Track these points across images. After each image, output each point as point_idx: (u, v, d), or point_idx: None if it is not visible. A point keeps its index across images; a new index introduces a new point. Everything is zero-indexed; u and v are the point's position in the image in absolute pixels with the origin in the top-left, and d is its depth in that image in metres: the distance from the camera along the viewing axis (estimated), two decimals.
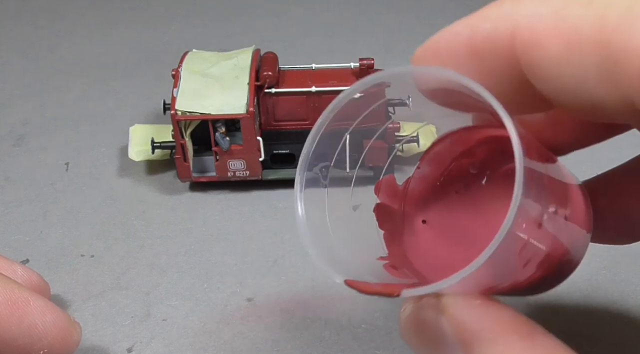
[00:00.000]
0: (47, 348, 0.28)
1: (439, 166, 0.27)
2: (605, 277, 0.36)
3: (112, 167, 0.46)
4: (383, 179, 0.26)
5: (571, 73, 0.19)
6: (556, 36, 0.19)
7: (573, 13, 0.19)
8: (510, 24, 0.20)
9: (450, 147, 0.27)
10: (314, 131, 0.24)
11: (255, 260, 0.39)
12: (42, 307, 0.28)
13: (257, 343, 0.34)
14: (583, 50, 0.18)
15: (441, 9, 0.64)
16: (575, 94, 0.19)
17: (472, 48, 0.21)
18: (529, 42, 0.20)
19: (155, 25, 0.63)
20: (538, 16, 0.20)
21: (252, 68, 0.43)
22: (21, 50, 0.60)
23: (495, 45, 0.21)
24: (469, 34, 0.21)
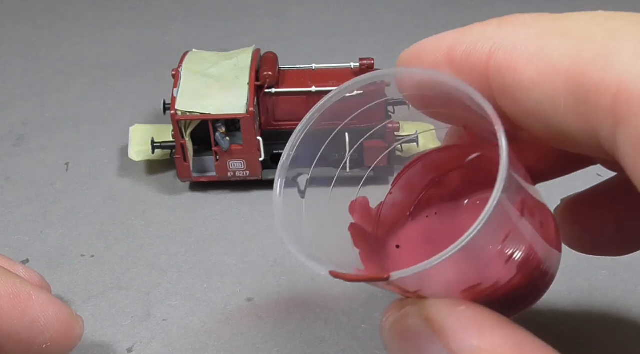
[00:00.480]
0: (49, 341, 0.28)
1: (410, 193, 0.27)
2: (605, 277, 0.36)
3: (112, 167, 0.46)
4: (357, 200, 0.26)
5: (541, 100, 0.19)
6: (530, 62, 0.19)
7: (550, 43, 0.19)
8: (490, 44, 0.21)
9: (421, 173, 0.27)
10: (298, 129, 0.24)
11: (255, 260, 0.39)
12: (44, 301, 0.28)
13: (257, 343, 0.34)
14: (555, 80, 0.19)
15: (441, 9, 0.64)
16: (544, 120, 0.20)
17: (450, 59, 0.22)
18: (504, 64, 0.20)
19: (155, 25, 0.63)
20: (516, 40, 0.20)
21: (252, 68, 0.43)
22: (21, 50, 0.60)
23: (471, 60, 0.21)
24: (450, 45, 0.22)
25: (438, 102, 0.23)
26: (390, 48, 0.58)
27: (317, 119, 0.24)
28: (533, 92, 0.19)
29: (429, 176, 0.27)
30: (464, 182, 0.27)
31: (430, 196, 0.28)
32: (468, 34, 0.22)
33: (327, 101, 0.24)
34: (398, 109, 0.29)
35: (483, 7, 0.62)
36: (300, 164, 0.25)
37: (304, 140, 0.24)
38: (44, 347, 0.28)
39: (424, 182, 0.27)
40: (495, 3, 0.63)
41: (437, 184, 0.27)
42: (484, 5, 0.62)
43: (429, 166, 0.27)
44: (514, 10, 0.23)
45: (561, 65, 0.19)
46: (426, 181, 0.27)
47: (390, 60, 0.45)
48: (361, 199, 0.27)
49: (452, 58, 0.22)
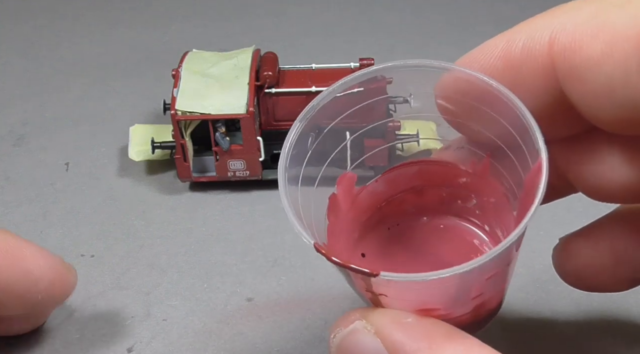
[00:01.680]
0: (44, 291, 0.29)
1: (391, 188, 0.28)
2: None
3: (112, 167, 0.46)
4: (347, 174, 0.27)
5: (612, 72, 0.19)
6: (596, 37, 0.19)
7: (611, 15, 0.19)
8: (547, 33, 0.20)
9: (410, 176, 0.28)
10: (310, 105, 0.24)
11: (255, 260, 0.39)
12: (35, 252, 0.29)
13: (257, 343, 0.34)
14: (624, 47, 0.19)
15: (441, 9, 0.64)
16: (614, 95, 0.19)
17: (507, 60, 0.21)
18: (569, 46, 0.20)
19: (155, 25, 0.63)
20: (575, 22, 0.20)
21: (252, 68, 0.43)
22: (21, 50, 0.60)
23: (531, 54, 0.21)
24: (505, 46, 0.22)
25: (465, 110, 0.23)
26: (390, 48, 0.58)
27: (318, 115, 0.24)
28: (603, 66, 0.19)
29: (416, 181, 0.28)
30: (439, 200, 0.28)
31: (404, 200, 0.28)
32: (522, 31, 0.21)
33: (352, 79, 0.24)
34: (399, 108, 0.29)
35: (483, 7, 0.62)
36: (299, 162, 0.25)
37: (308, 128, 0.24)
38: (39, 297, 0.29)
39: (408, 184, 0.28)
40: (496, 3, 0.62)
41: (416, 191, 0.28)
42: (484, 6, 0.62)
43: (421, 172, 0.28)
44: (513, 11, 0.23)
45: (629, 32, 0.19)
46: (411, 183, 0.28)
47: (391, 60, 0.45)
48: (350, 174, 0.27)
49: (510, 57, 0.21)
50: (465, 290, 0.22)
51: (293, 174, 0.24)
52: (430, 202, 0.28)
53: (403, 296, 0.22)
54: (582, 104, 0.21)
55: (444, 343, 0.21)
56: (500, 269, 0.22)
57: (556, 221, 0.36)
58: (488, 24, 0.60)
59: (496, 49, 0.22)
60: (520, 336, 0.34)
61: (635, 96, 0.19)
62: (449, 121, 0.25)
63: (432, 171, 0.27)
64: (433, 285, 0.20)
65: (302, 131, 0.24)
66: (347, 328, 0.22)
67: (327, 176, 0.26)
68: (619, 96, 0.19)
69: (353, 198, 0.27)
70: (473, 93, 0.22)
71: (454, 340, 0.21)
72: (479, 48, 0.23)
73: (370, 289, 0.22)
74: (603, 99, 0.20)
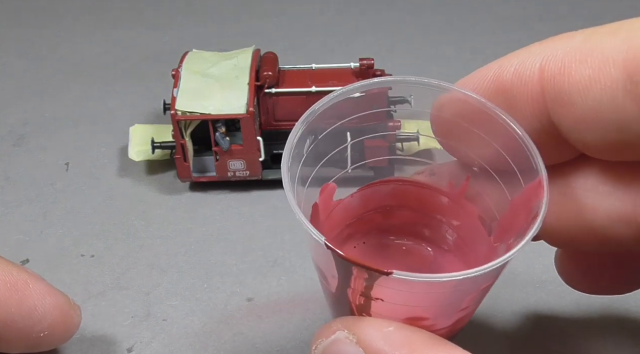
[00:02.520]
0: (47, 330, 0.28)
1: (364, 205, 0.28)
2: None
3: (112, 167, 0.46)
4: (329, 185, 0.26)
5: (599, 96, 0.20)
6: (584, 62, 0.20)
7: (600, 41, 0.20)
8: (539, 59, 0.21)
9: (384, 195, 0.28)
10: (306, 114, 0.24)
11: (255, 260, 0.39)
12: (41, 289, 0.28)
13: (257, 343, 0.34)
14: (611, 71, 0.19)
15: (441, 9, 0.64)
16: (601, 119, 0.20)
17: (499, 83, 0.22)
18: (557, 71, 0.20)
19: (155, 25, 0.63)
20: (566, 48, 0.20)
21: (252, 68, 0.43)
22: (21, 50, 0.60)
23: (522, 79, 0.21)
24: (497, 71, 0.22)
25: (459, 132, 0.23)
26: (390, 48, 0.58)
27: (319, 117, 0.24)
28: (590, 91, 0.20)
29: (385, 200, 0.28)
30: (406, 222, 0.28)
31: (371, 219, 0.28)
32: (513, 57, 0.22)
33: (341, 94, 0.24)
34: (399, 108, 0.29)
35: (483, 7, 0.62)
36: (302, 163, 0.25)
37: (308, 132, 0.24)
38: (41, 335, 0.28)
39: (378, 203, 0.28)
40: (495, 3, 0.63)
41: (386, 212, 0.28)
42: (484, 6, 0.62)
43: (393, 191, 0.28)
44: (512, 11, 0.23)
45: (616, 57, 0.19)
46: (381, 203, 0.28)
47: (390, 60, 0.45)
48: (332, 186, 0.27)
49: (502, 82, 0.22)
50: (458, 300, 0.22)
51: (296, 174, 0.24)
52: (397, 223, 0.28)
53: (399, 301, 0.22)
54: (569, 129, 0.21)
55: (425, 351, 0.21)
56: (491, 281, 0.22)
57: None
58: (488, 24, 0.60)
59: (489, 72, 0.22)
60: (521, 336, 0.34)
61: (622, 120, 0.20)
62: (442, 143, 0.25)
63: (406, 192, 0.28)
64: (436, 289, 0.20)
65: (302, 133, 0.24)
66: (329, 339, 0.22)
67: (328, 176, 0.26)
68: (606, 120, 0.20)
69: (330, 210, 0.27)
70: (468, 115, 0.23)
71: (436, 348, 0.21)
72: (472, 74, 0.23)
73: (369, 292, 0.22)
74: (590, 123, 0.20)
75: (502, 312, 0.28)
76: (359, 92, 0.24)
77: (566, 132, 0.21)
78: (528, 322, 0.34)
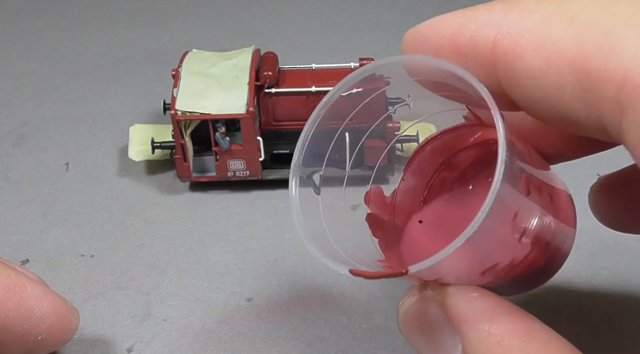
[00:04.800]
0: (45, 333, 0.28)
1: (422, 178, 0.28)
2: (605, 277, 0.36)
3: (112, 167, 0.46)
4: (371, 190, 0.27)
5: (548, 88, 0.20)
6: (536, 51, 0.20)
7: (555, 29, 0.19)
8: (495, 32, 0.21)
9: (431, 157, 0.27)
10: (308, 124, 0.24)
11: (255, 260, 0.39)
12: (39, 293, 0.28)
13: (257, 343, 0.34)
14: (561, 68, 0.19)
15: (441, 10, 0.64)
16: (551, 107, 0.20)
17: (455, 45, 0.22)
18: (510, 53, 0.20)
19: (155, 25, 0.63)
20: (522, 27, 0.20)
21: (252, 68, 0.43)
22: (21, 50, 0.60)
23: (476, 48, 0.21)
24: (454, 31, 0.22)
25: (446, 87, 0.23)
26: (390, 48, 0.58)
27: (321, 118, 0.24)
28: (540, 81, 0.20)
29: (439, 159, 0.28)
30: (473, 162, 0.27)
31: (443, 179, 0.28)
32: (472, 20, 0.22)
33: (332, 96, 0.24)
34: (398, 109, 0.29)
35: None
36: (306, 164, 0.25)
37: (311, 139, 0.25)
38: (39, 339, 0.28)
39: (435, 165, 0.28)
40: None
41: (447, 167, 0.28)
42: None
43: (437, 148, 0.27)
44: None
45: (567, 53, 0.19)
46: (437, 163, 0.28)
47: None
48: (375, 189, 0.27)
49: (457, 45, 0.22)
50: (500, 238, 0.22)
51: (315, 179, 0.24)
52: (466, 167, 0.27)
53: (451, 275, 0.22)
54: (522, 104, 0.21)
55: (505, 319, 0.21)
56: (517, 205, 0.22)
57: None
58: None
59: (447, 30, 0.22)
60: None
61: (568, 113, 0.20)
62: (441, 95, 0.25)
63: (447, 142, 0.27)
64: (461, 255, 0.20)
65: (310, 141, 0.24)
66: (416, 296, 0.23)
67: (327, 176, 0.26)
68: (554, 109, 0.20)
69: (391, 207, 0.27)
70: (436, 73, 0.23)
71: (516, 317, 0.21)
72: (431, 23, 0.23)
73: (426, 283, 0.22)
74: (541, 107, 0.20)
75: None
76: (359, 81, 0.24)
77: (519, 104, 0.21)
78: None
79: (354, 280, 0.37)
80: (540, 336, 0.21)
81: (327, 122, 0.25)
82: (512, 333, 0.21)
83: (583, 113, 0.19)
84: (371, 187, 0.27)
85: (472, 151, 0.27)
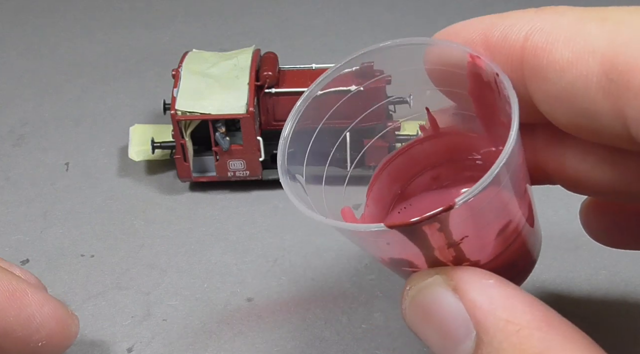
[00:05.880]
0: (45, 339, 0.28)
1: (382, 207, 0.28)
2: (605, 277, 0.36)
3: (112, 167, 0.46)
4: (345, 209, 0.26)
5: (574, 80, 0.20)
6: (566, 44, 0.20)
7: (587, 26, 0.20)
8: (527, 27, 0.21)
9: (387, 185, 0.27)
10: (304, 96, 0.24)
11: (255, 260, 0.39)
12: (40, 299, 0.28)
13: (257, 343, 0.34)
14: (589, 60, 0.20)
15: (441, 10, 0.64)
16: (573, 102, 0.20)
17: (486, 39, 0.22)
18: (540, 46, 0.21)
19: (155, 25, 0.63)
20: (554, 24, 0.21)
21: (252, 68, 0.43)
22: (21, 50, 0.60)
23: (506, 43, 0.22)
24: (487, 27, 0.23)
25: (456, 80, 0.23)
26: None
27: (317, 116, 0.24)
28: (566, 72, 0.20)
29: (394, 186, 0.28)
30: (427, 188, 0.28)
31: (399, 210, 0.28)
32: (505, 18, 0.22)
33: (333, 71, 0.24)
34: (399, 108, 0.29)
35: (483, 7, 0.62)
36: (299, 161, 0.25)
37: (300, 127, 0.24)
38: (39, 345, 0.28)
39: (391, 194, 0.28)
40: (496, 3, 0.62)
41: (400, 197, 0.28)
42: (485, 6, 0.62)
43: (392, 174, 0.28)
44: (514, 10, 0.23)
45: (597, 47, 0.19)
46: (392, 192, 0.28)
47: None
48: (347, 209, 0.26)
49: (488, 38, 0.22)
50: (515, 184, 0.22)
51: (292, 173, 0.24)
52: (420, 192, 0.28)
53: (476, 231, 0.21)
54: (541, 101, 0.21)
55: (524, 308, 0.20)
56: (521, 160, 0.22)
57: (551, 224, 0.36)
58: None
59: (479, 26, 0.23)
60: None
61: (592, 109, 0.20)
62: (442, 91, 0.25)
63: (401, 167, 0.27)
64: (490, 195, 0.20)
65: (296, 129, 0.24)
66: (425, 281, 0.22)
67: (328, 176, 0.26)
68: (577, 105, 0.20)
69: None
70: (458, 63, 0.23)
71: (534, 307, 0.21)
72: (462, 22, 0.24)
73: (452, 239, 0.21)
74: (562, 103, 0.21)
75: None
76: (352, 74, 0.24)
77: (538, 103, 0.22)
78: None
79: (354, 280, 0.37)
80: (560, 327, 0.21)
81: (327, 121, 0.25)
82: (531, 322, 0.20)
83: (605, 106, 0.19)
84: (344, 206, 0.26)
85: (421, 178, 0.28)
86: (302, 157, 0.25)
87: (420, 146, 0.27)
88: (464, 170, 0.27)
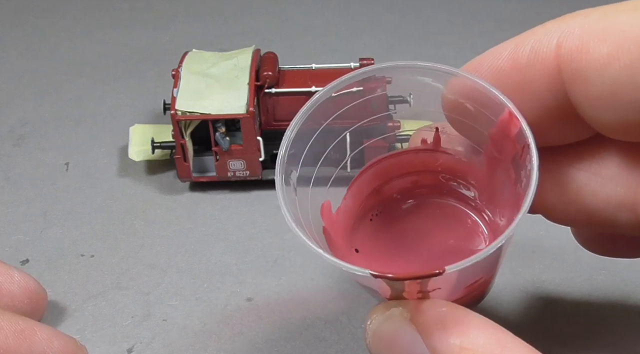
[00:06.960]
0: None
1: (357, 201, 0.28)
2: (605, 277, 0.36)
3: (112, 167, 0.46)
4: (324, 203, 0.26)
5: (617, 74, 0.19)
6: (603, 40, 0.20)
7: (618, 19, 0.20)
8: (556, 36, 0.21)
9: (368, 181, 0.28)
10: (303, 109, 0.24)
11: (255, 260, 0.39)
12: (49, 334, 0.29)
13: (257, 343, 0.34)
14: (631, 49, 0.19)
15: (441, 9, 0.64)
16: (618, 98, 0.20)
17: (514, 62, 0.22)
18: (575, 49, 0.20)
19: (155, 25, 0.63)
20: (583, 26, 0.20)
21: (252, 68, 0.43)
22: (21, 50, 0.60)
23: (538, 57, 0.21)
24: (513, 49, 0.22)
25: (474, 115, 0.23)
26: (390, 48, 0.58)
27: (318, 116, 0.24)
28: (609, 69, 0.20)
29: (375, 183, 0.28)
30: (404, 189, 0.28)
31: (373, 203, 0.28)
32: (529, 36, 0.22)
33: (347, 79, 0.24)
34: (399, 108, 0.29)
35: (483, 7, 0.62)
36: (300, 162, 0.25)
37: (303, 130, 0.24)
38: None
39: (369, 189, 0.28)
40: (496, 3, 0.62)
41: (379, 191, 0.28)
42: (484, 6, 0.62)
43: (378, 172, 0.28)
44: (514, 11, 0.23)
45: (636, 35, 0.19)
46: (371, 188, 0.28)
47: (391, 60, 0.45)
48: (326, 203, 0.27)
49: (517, 60, 0.22)
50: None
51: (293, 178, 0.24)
52: (397, 191, 0.28)
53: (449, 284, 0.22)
54: (586, 107, 0.21)
55: (476, 332, 0.21)
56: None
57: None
58: (488, 24, 0.60)
59: (505, 51, 0.22)
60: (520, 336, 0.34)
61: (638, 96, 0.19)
62: (449, 118, 0.25)
63: (387, 167, 0.28)
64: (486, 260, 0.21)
65: (299, 130, 0.24)
66: (383, 315, 0.23)
67: (326, 176, 0.26)
68: (624, 99, 0.20)
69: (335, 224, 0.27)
70: (475, 96, 0.23)
71: (487, 330, 0.21)
72: (488, 51, 0.23)
73: (426, 289, 0.22)
74: (608, 102, 0.20)
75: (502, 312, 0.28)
76: (357, 82, 0.24)
77: (583, 111, 0.21)
78: (528, 322, 0.34)
79: (353, 281, 0.37)
80: (513, 348, 0.21)
81: (326, 121, 0.25)
82: (484, 346, 0.21)
83: None
84: (325, 199, 0.26)
85: (401, 180, 0.28)
86: (300, 158, 0.25)
87: (415, 154, 0.27)
88: (444, 186, 0.28)
